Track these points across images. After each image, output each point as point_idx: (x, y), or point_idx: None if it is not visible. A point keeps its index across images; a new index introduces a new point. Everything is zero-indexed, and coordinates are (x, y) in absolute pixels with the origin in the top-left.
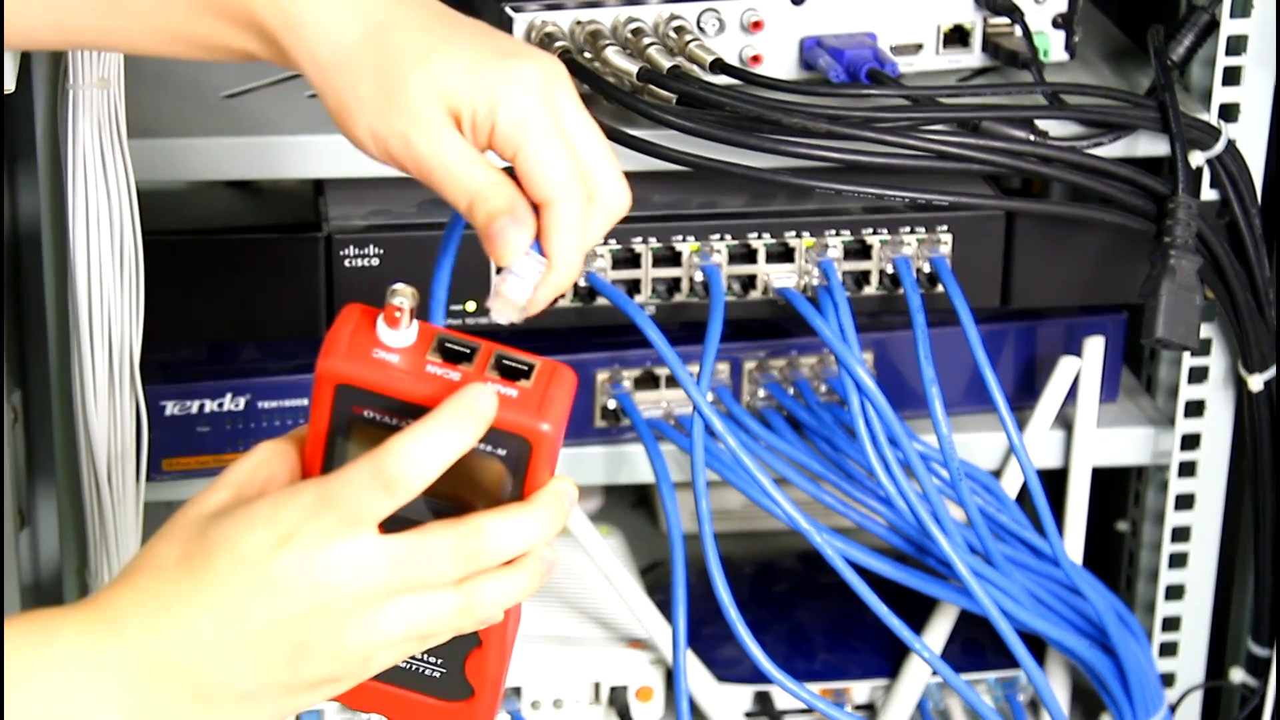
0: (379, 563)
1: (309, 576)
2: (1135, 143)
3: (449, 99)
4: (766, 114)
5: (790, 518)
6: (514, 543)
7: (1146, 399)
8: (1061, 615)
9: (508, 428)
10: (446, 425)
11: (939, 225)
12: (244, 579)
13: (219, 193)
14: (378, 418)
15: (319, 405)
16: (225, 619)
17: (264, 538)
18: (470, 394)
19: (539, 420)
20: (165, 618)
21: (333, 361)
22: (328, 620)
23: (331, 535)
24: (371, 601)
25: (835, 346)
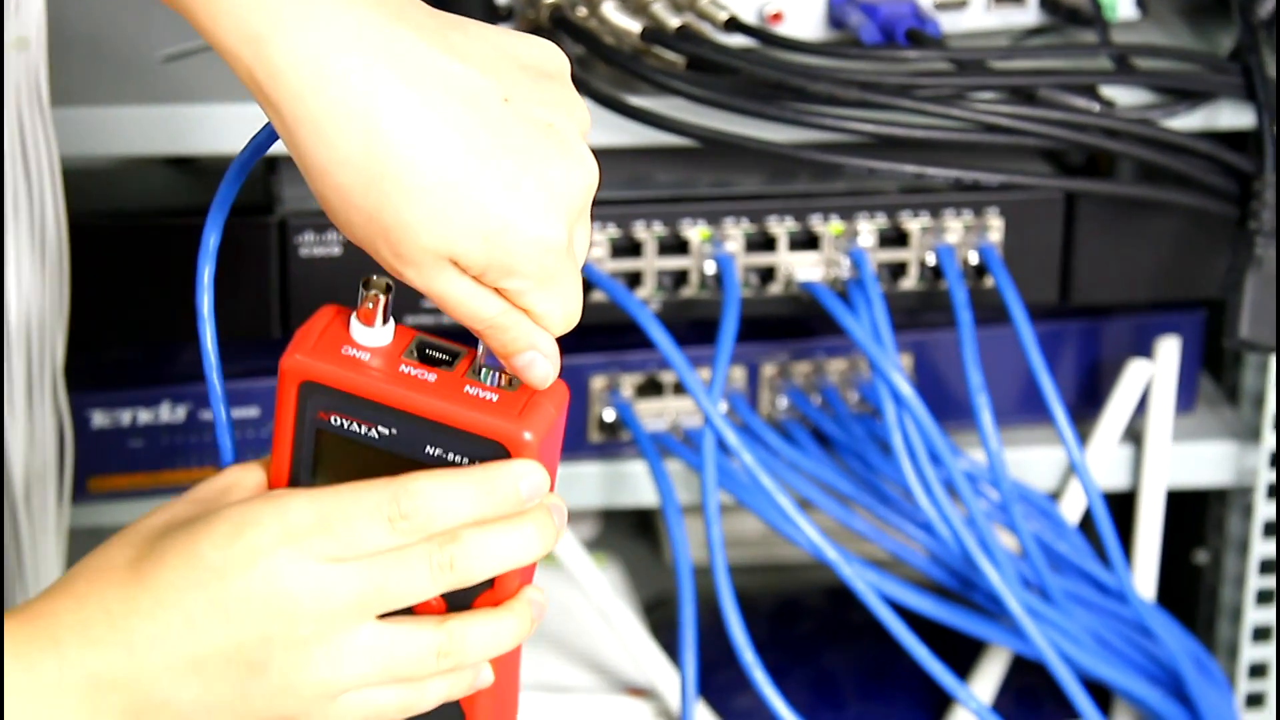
0: (351, 586)
1: (273, 594)
2: (1216, 113)
3: (455, 256)
4: (788, 80)
5: (816, 547)
6: (497, 555)
7: (1229, 409)
8: (1130, 660)
9: (482, 432)
10: (476, 485)
11: (988, 208)
12: (200, 589)
13: (156, 170)
14: (345, 425)
15: (283, 410)
16: (173, 631)
17: (233, 545)
18: (516, 467)
19: (519, 426)
20: (104, 625)
21: (297, 357)
22: (288, 645)
23: (313, 554)
24: (338, 627)
25: (868, 349)
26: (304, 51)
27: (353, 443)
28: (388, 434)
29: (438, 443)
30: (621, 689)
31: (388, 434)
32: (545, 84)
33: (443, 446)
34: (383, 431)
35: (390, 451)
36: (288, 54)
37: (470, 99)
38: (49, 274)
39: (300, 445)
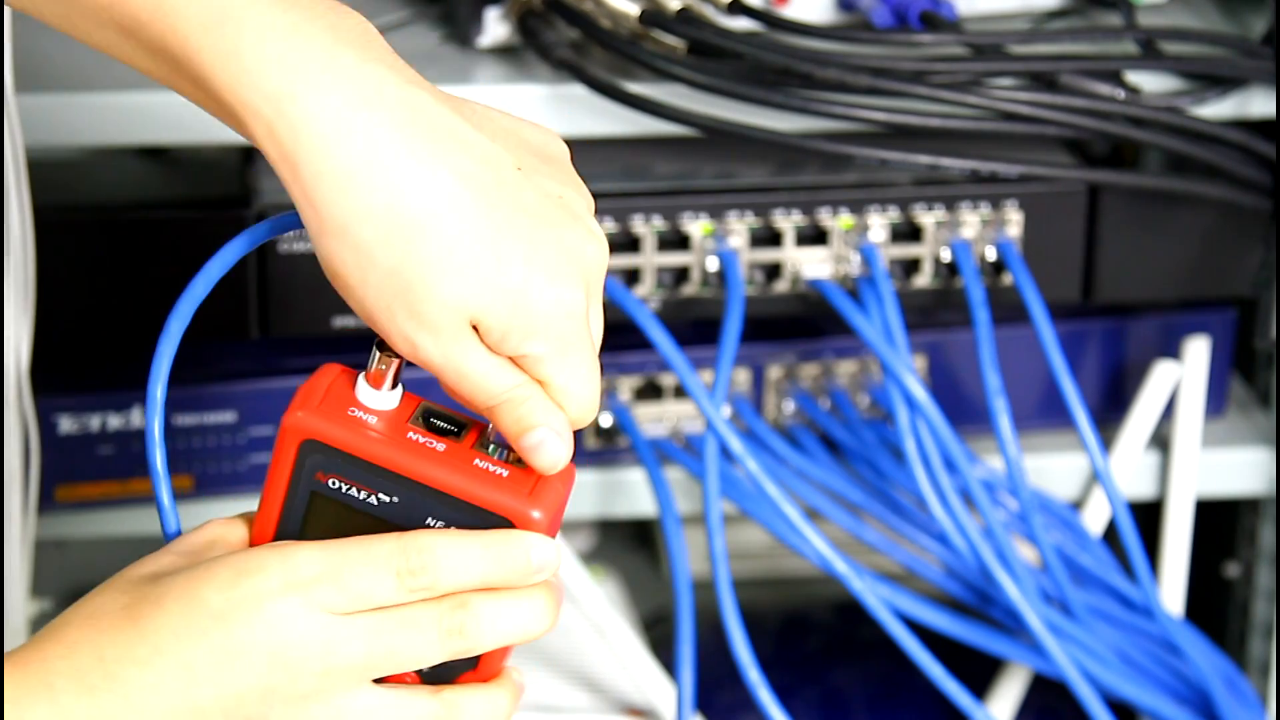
0: (358, 643)
1: (277, 644)
2: (1247, 100)
3: (476, 316)
4: (795, 65)
5: (824, 559)
6: (506, 626)
7: (1261, 413)
8: (1156, 678)
9: (491, 507)
10: (486, 549)
11: (1006, 202)
12: (201, 635)
13: (128, 162)
14: (344, 489)
15: (278, 467)
16: (171, 680)
17: (236, 589)
18: (529, 537)
19: (529, 504)
20: (99, 673)
21: (301, 415)
22: (288, 700)
23: (319, 605)
24: (339, 686)
25: (879, 350)
26: (327, 107)
27: (348, 508)
28: (388, 501)
29: (440, 514)
30: (620, 709)
31: (388, 501)
32: (550, 164)
33: (445, 519)
34: (383, 499)
35: (388, 520)
36: (311, 109)
37: (486, 161)
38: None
39: (291, 506)
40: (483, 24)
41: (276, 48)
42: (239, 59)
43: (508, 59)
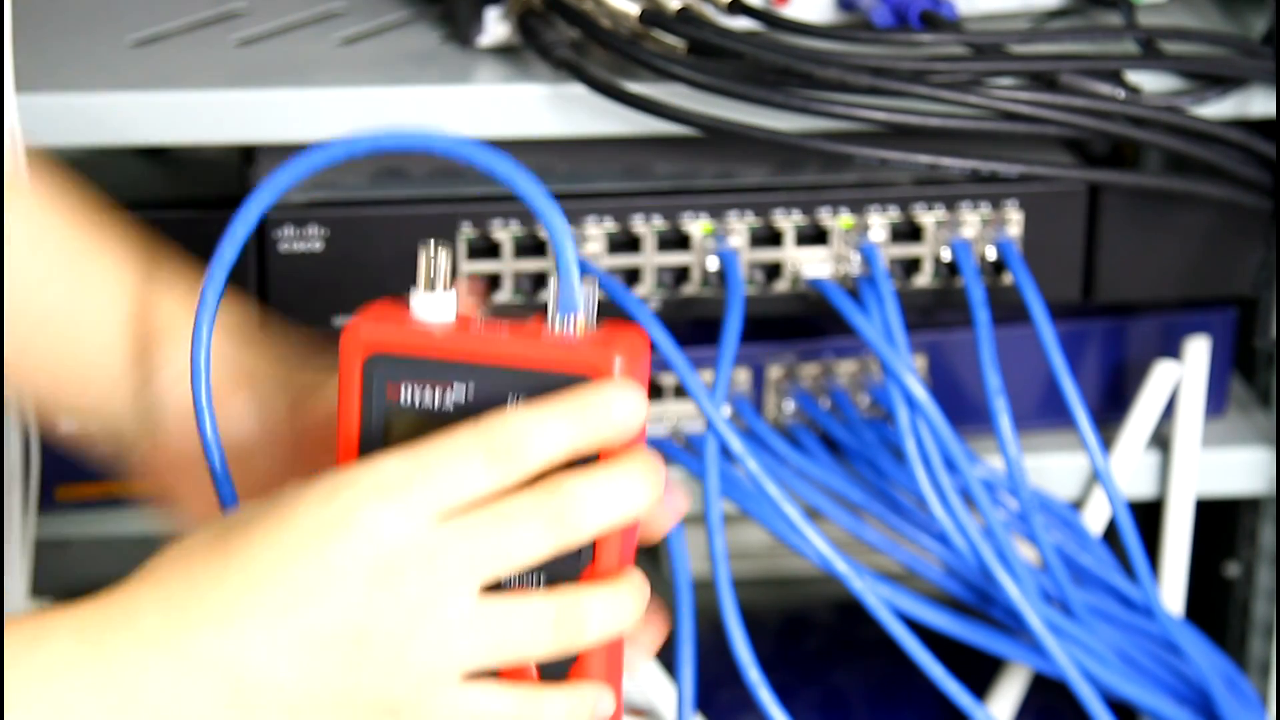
0: (460, 545)
1: (379, 555)
2: (1248, 100)
3: None
4: (795, 65)
5: (824, 559)
6: (604, 504)
7: (1261, 413)
8: (1157, 678)
9: (569, 368)
10: (565, 412)
11: (1006, 201)
12: (297, 558)
13: (127, 162)
14: (417, 398)
15: (347, 395)
16: (273, 605)
17: (329, 506)
18: (605, 389)
19: (608, 355)
20: (194, 604)
21: (360, 328)
22: (396, 614)
23: (416, 510)
24: (447, 592)
25: (880, 349)
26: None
27: (427, 417)
28: (465, 396)
29: (521, 393)
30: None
31: (465, 396)
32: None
33: (525, 394)
34: (459, 395)
35: (467, 417)
36: None
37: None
38: None
39: (368, 432)
40: (483, 24)
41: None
42: None
43: (508, 59)
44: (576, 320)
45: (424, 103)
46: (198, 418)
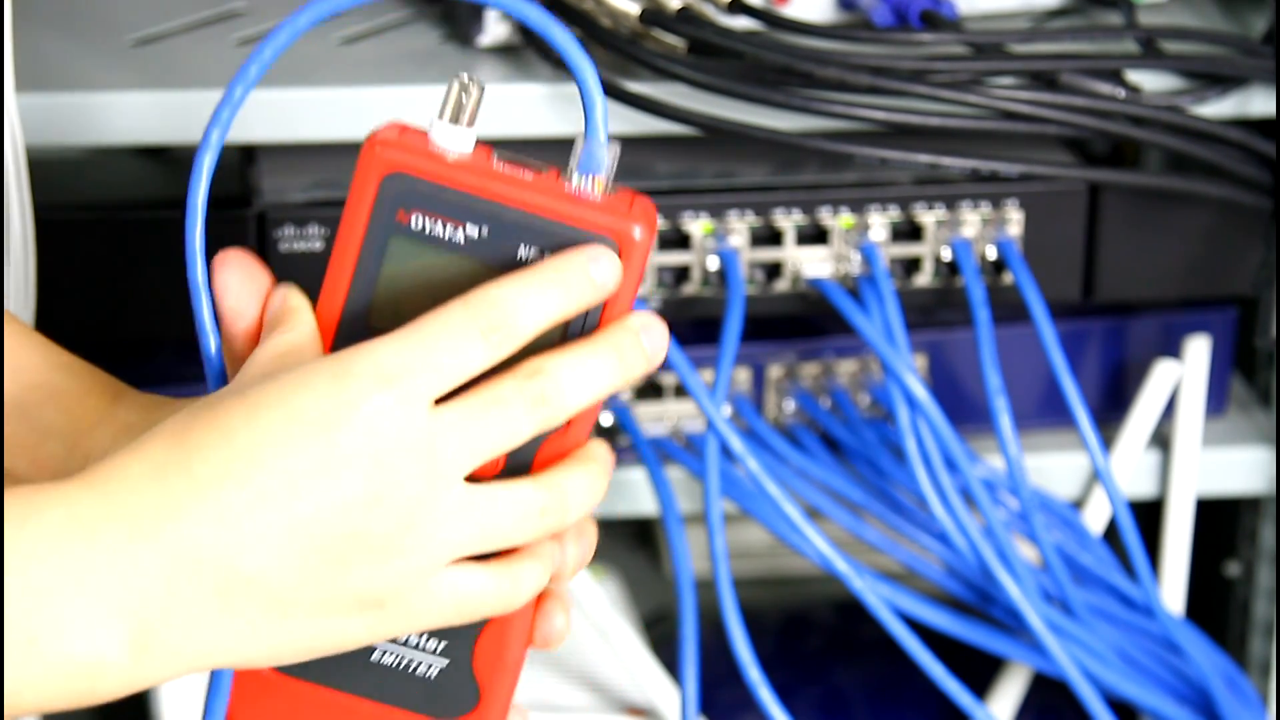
0: (454, 432)
1: (380, 448)
2: (1248, 99)
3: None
4: (796, 64)
5: (825, 558)
6: (583, 381)
7: (1261, 413)
8: (1157, 677)
9: (590, 226)
10: (547, 278)
11: (1007, 201)
12: (301, 445)
13: (128, 161)
14: (427, 227)
15: (354, 212)
16: (270, 495)
17: (335, 397)
18: (584, 253)
19: (630, 221)
20: (186, 488)
21: (383, 148)
22: (393, 503)
23: (417, 397)
24: (439, 481)
25: (880, 349)
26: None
27: (430, 251)
28: (476, 236)
29: (534, 242)
30: (620, 709)
31: (476, 236)
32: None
33: (539, 246)
34: (470, 233)
35: (474, 258)
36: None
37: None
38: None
39: (366, 258)
40: (483, 23)
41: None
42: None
43: (508, 58)
44: (597, 181)
45: (424, 102)
46: (187, 251)
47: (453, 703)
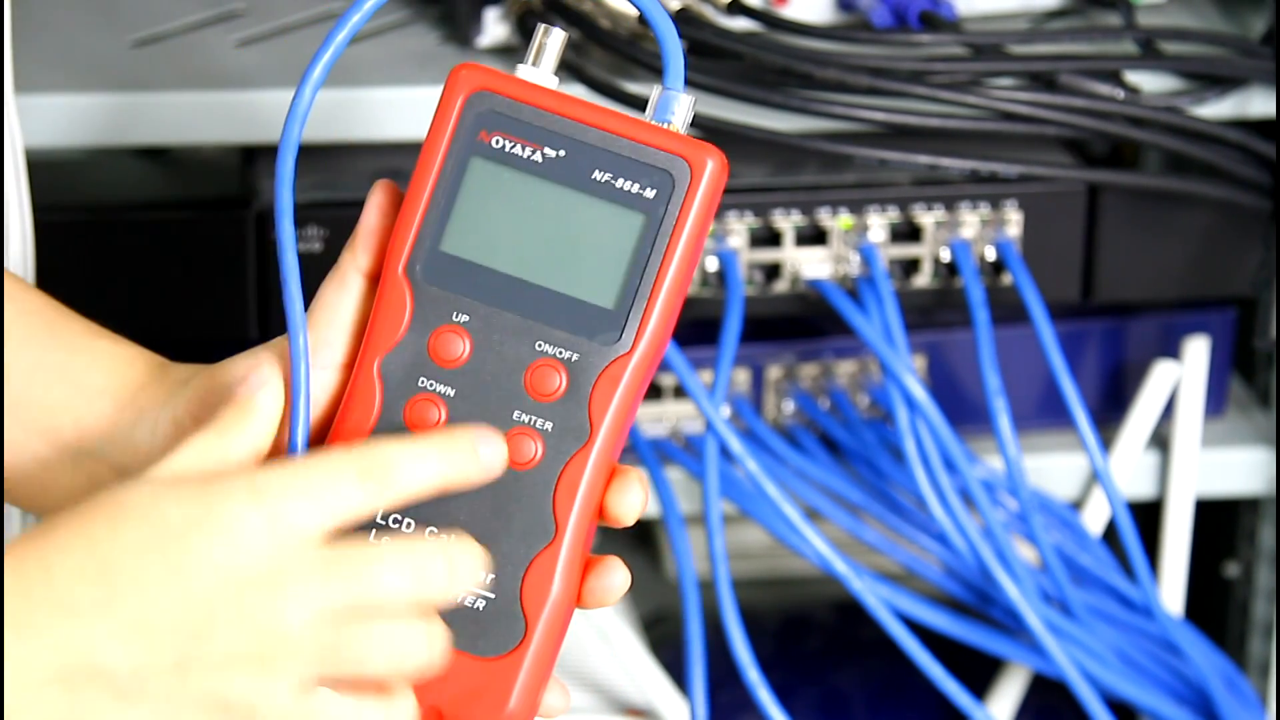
0: (314, 572)
1: (234, 564)
2: (1247, 100)
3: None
4: (795, 65)
5: (824, 559)
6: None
7: (1261, 414)
8: (1156, 678)
9: (669, 148)
10: (438, 447)
11: (1006, 201)
12: (153, 549)
13: (127, 162)
14: (507, 147)
15: (437, 134)
16: (115, 592)
17: (196, 506)
18: (475, 434)
19: (704, 152)
20: (41, 585)
21: (471, 71)
22: (238, 619)
23: (288, 520)
24: (290, 612)
25: (879, 350)
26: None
27: (507, 171)
28: (554, 157)
29: (608, 166)
30: (620, 710)
31: (554, 157)
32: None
33: (613, 171)
34: (549, 154)
35: (548, 180)
36: None
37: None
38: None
39: (446, 175)
40: (482, 24)
41: None
42: None
43: (507, 59)
44: (673, 125)
45: (424, 103)
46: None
47: (499, 638)
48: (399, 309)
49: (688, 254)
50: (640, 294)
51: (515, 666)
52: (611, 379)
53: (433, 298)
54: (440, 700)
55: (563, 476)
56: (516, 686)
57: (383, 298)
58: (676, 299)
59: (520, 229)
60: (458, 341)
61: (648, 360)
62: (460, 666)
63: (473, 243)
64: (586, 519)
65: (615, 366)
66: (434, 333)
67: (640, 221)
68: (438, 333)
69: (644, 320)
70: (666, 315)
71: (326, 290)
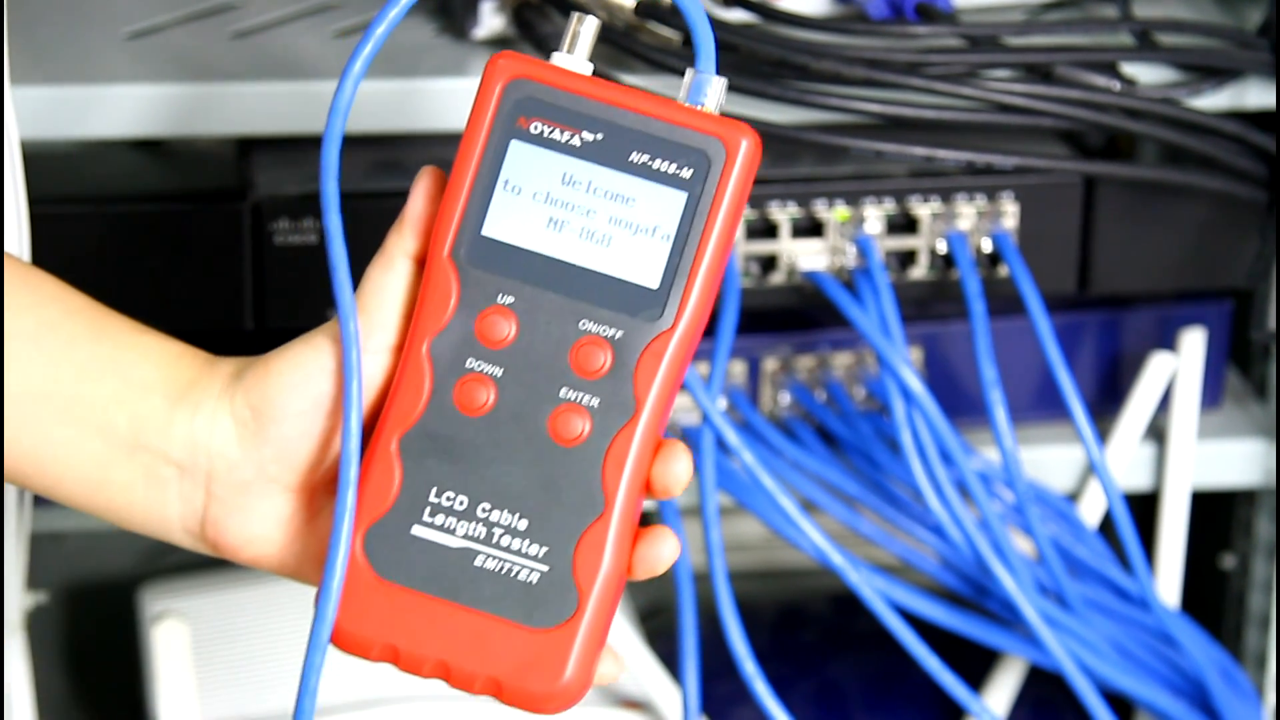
0: None
1: None
2: (1243, 91)
3: None
4: (791, 57)
5: (820, 551)
6: None
7: (1257, 405)
8: (1152, 670)
9: (704, 129)
10: None
11: (1002, 193)
12: None
13: (123, 154)
14: (545, 133)
15: (476, 124)
16: None
17: None
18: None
19: (740, 133)
20: None
21: (509, 60)
22: None
23: None
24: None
25: (875, 342)
26: None
27: (546, 155)
28: (592, 140)
29: (645, 147)
30: (616, 702)
31: (592, 140)
32: None
33: (650, 152)
34: (587, 138)
35: (587, 161)
36: None
37: None
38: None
39: (487, 161)
40: (478, 16)
41: None
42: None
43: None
44: (705, 107)
45: (420, 96)
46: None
47: (553, 610)
48: (445, 292)
49: (725, 231)
50: (681, 271)
51: (570, 636)
52: (655, 354)
53: (478, 280)
54: (498, 671)
55: (610, 451)
56: (572, 656)
57: (429, 282)
58: (716, 275)
59: (560, 211)
60: (504, 322)
61: (690, 335)
62: (516, 638)
63: (514, 226)
64: (635, 491)
65: (658, 342)
66: (480, 314)
67: (679, 200)
68: (484, 314)
69: (685, 296)
70: (707, 291)
71: (373, 274)
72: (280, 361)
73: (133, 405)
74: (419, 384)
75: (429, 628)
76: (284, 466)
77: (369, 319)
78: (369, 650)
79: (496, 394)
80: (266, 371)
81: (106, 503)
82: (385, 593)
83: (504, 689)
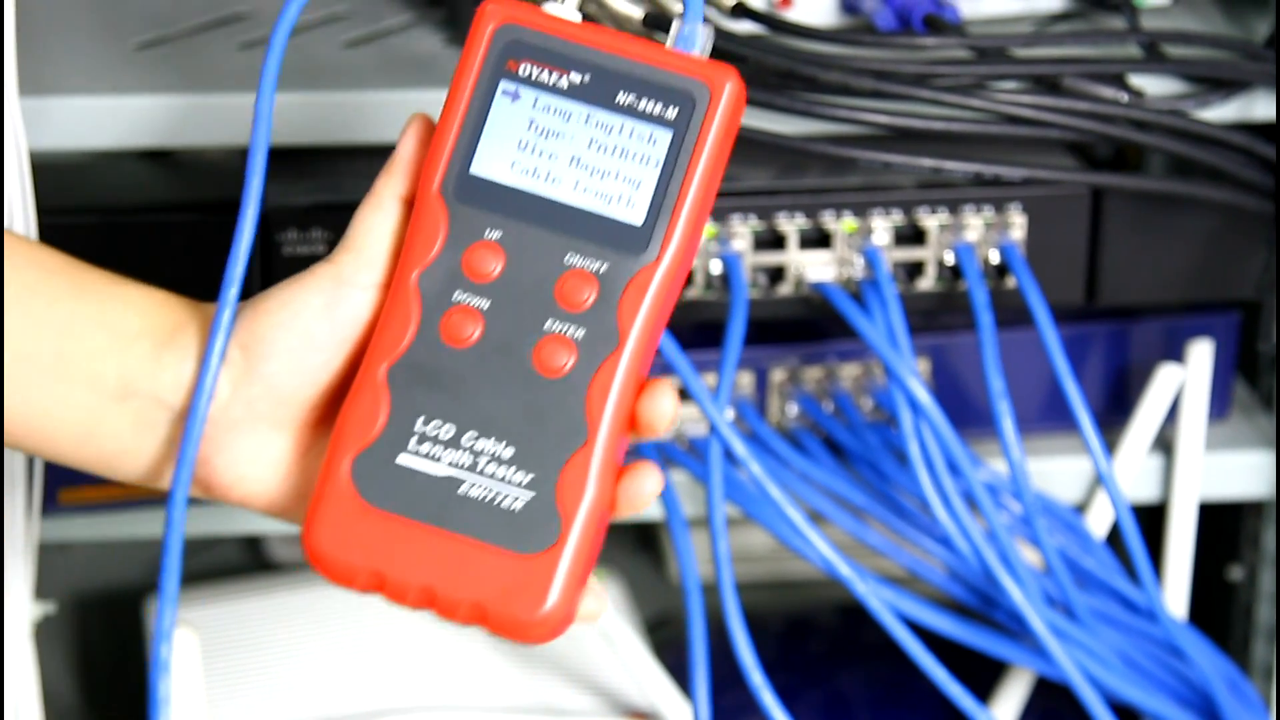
0: None
1: None
2: (1251, 103)
3: None
4: (799, 69)
5: (828, 562)
6: None
7: (1264, 417)
8: (1160, 681)
9: (689, 71)
10: None
11: (1010, 205)
12: None
13: (131, 165)
14: (533, 75)
15: (466, 66)
16: None
17: None
18: None
19: (724, 74)
20: None
21: (498, 5)
22: None
23: None
24: None
25: (883, 353)
26: None
27: (533, 95)
28: (579, 81)
29: (631, 88)
30: (622, 712)
31: (579, 81)
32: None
33: (636, 93)
34: (574, 79)
35: (574, 101)
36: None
37: None
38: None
39: (476, 103)
40: None
41: None
42: None
43: None
44: (692, 53)
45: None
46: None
47: (537, 536)
48: (434, 227)
49: (710, 170)
50: (665, 208)
51: (553, 563)
52: (639, 287)
53: (466, 216)
54: (481, 595)
55: (594, 381)
56: (554, 583)
57: (418, 217)
58: (701, 214)
59: (547, 150)
60: (491, 257)
61: (673, 272)
62: (500, 562)
63: (502, 165)
64: (619, 423)
65: (642, 275)
66: (468, 249)
67: (665, 139)
68: (472, 249)
69: (669, 232)
70: (691, 229)
71: (363, 213)
72: (269, 301)
73: (120, 354)
74: (407, 316)
75: (415, 554)
76: (273, 404)
77: (359, 256)
78: (355, 578)
79: (483, 326)
80: (255, 311)
81: (97, 453)
82: (372, 520)
83: (488, 615)
